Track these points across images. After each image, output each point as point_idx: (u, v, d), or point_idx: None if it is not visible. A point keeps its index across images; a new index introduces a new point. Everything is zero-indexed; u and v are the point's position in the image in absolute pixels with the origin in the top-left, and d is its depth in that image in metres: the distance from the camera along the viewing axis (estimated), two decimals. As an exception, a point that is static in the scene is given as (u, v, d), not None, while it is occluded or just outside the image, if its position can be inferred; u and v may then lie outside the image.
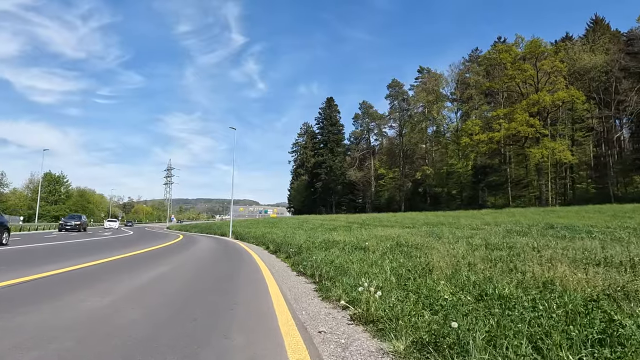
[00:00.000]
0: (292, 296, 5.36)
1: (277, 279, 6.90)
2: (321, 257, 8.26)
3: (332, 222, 33.30)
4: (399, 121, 79.94)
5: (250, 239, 22.62)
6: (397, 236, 13.67)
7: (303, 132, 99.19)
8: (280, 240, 14.79)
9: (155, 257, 11.10)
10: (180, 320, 3.72)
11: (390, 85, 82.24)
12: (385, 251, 8.86)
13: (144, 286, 5.71)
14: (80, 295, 4.79)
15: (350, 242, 11.49)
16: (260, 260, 10.74)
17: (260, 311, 4.33)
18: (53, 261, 8.61)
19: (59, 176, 76.82)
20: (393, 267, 6.41)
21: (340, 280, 5.52)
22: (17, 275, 6.36)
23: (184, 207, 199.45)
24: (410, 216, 34.64)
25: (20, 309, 3.99)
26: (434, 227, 20.59)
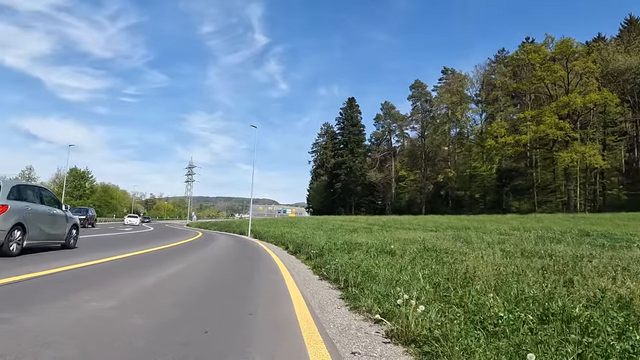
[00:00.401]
0: (316, 303, 4.85)
1: (298, 283, 6.41)
2: (344, 260, 7.75)
3: (352, 223, 32.70)
4: (421, 122, 78.69)
5: (269, 239, 22.25)
6: (422, 240, 13.04)
7: (323, 132, 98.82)
8: (300, 241, 14.33)
9: (171, 255, 10.78)
10: (192, 330, 3.26)
11: (412, 86, 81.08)
12: (414, 256, 8.26)
13: (154, 286, 5.30)
14: (86, 295, 4.40)
15: (374, 245, 10.93)
16: (280, 260, 10.28)
17: (281, 321, 3.85)
18: (65, 256, 8.35)
19: (84, 172, 78.47)
20: (426, 274, 5.85)
21: (369, 288, 4.99)
22: (26, 270, 6.05)
23: (204, 204, 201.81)
24: (433, 219, 33.72)
25: (23, 308, 3.61)
26: (459, 231, 19.80)
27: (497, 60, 68.49)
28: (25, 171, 76.62)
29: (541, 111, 49.66)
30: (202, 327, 3.35)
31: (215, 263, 9.47)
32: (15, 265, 6.64)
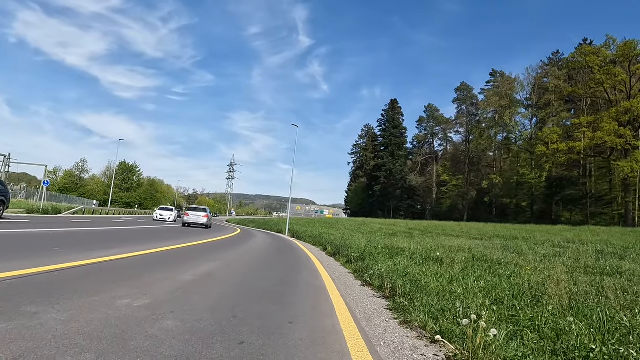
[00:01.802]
0: (362, 314, 4.40)
1: (339, 289, 5.98)
2: (387, 266, 7.25)
3: (392, 227, 31.89)
4: (466, 126, 76.18)
5: (306, 238, 21.98)
6: (468, 248, 12.27)
7: (364, 133, 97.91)
8: (339, 243, 13.90)
9: (209, 251, 10.65)
10: (225, 340, 2.91)
11: (458, 89, 78.72)
12: (464, 265, 7.62)
13: (189, 285, 5.03)
14: (118, 290, 4.18)
15: (417, 251, 10.32)
16: (319, 262, 9.89)
17: (325, 333, 3.43)
18: (103, 247, 8.35)
19: (132, 165, 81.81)
20: (481, 287, 5.25)
21: (420, 299, 4.48)
22: (67, 259, 5.99)
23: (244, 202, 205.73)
24: (477, 227, 32.29)
25: (52, 301, 3.41)
26: (507, 240, 18.66)
27: (550, 62, 65.01)
28: (79, 163, 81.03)
29: (599, 117, 46.48)
30: (238, 337, 2.98)
31: (253, 262, 9.22)
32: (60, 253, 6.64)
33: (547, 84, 59.28)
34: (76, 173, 79.48)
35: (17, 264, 5.17)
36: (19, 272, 4.61)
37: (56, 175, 77.56)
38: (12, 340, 2.45)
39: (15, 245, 7.61)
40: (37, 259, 5.87)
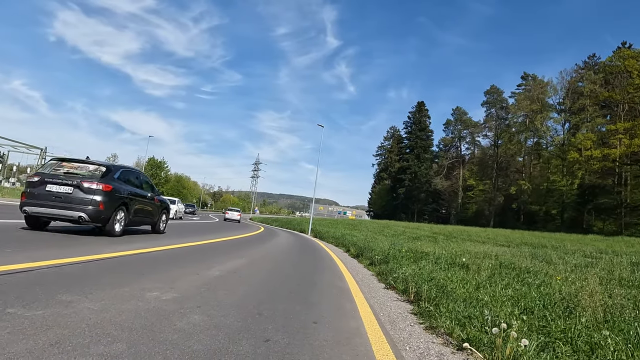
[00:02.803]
0: (386, 317, 4.36)
1: (363, 291, 5.94)
2: (412, 269, 7.16)
3: (415, 230, 31.51)
4: (495, 130, 74.57)
5: (329, 239, 21.97)
6: (495, 255, 11.98)
7: (389, 135, 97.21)
8: (362, 244, 13.82)
9: (234, 248, 10.79)
10: (250, 337, 2.93)
11: (488, 92, 77.14)
12: (491, 272, 7.44)
13: (215, 281, 5.11)
14: (147, 282, 4.28)
15: (442, 256, 10.15)
16: (342, 264, 9.87)
17: (349, 334, 3.41)
18: (132, 240, 8.57)
19: (161, 162, 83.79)
20: (509, 295, 5.12)
21: (446, 305, 4.40)
22: (97, 251, 6.19)
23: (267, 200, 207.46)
24: (504, 233, 31.53)
25: (86, 291, 3.53)
26: (535, 248, 18.13)
27: (586, 66, 62.80)
28: (110, 158, 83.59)
29: (637, 123, 44.64)
30: (263, 335, 3.01)
31: (277, 260, 9.28)
32: (91, 245, 6.86)
33: (582, 89, 57.33)
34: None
35: (52, 253, 5.38)
36: (54, 261, 4.79)
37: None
38: (48, 327, 2.55)
39: (51, 235, 7.91)
40: (70, 249, 6.09)
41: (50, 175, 7.99)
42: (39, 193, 7.77)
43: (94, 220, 7.93)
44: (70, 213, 7.74)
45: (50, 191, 7.78)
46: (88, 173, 8.21)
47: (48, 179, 7.88)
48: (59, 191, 7.80)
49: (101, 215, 7.98)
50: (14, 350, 2.10)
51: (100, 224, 8.18)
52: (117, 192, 8.45)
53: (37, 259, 4.78)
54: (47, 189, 7.79)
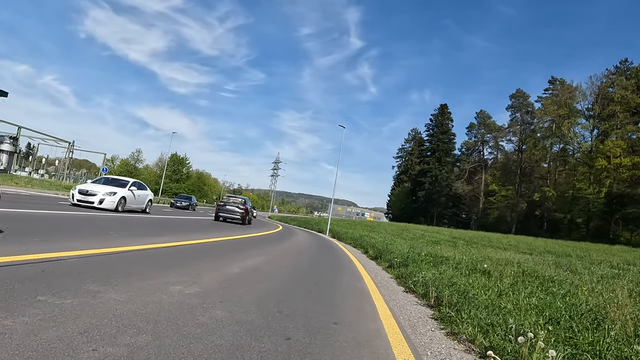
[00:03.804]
0: (406, 321, 4.31)
1: (382, 293, 5.90)
2: (432, 274, 7.08)
3: (435, 234, 31.11)
4: (520, 135, 73.00)
5: (347, 240, 21.89)
6: (517, 262, 11.72)
7: (410, 138, 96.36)
8: (381, 247, 13.73)
9: (254, 245, 10.88)
10: (272, 335, 2.94)
11: (513, 96, 75.62)
12: (514, 280, 7.29)
13: (236, 277, 5.16)
14: (169, 277, 4.35)
15: (463, 261, 10.00)
16: (361, 265, 9.82)
17: (370, 336, 3.39)
18: (156, 234, 8.73)
19: (183, 158, 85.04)
20: (533, 304, 5.00)
21: (468, 311, 4.33)
22: (123, 243, 6.33)
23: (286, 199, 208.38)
24: (526, 240, 30.85)
25: (112, 282, 3.61)
26: (559, 257, 17.65)
27: (617, 71, 60.80)
28: (135, 153, 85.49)
29: (670, 131, 43.02)
30: (284, 333, 3.01)
31: (296, 260, 9.31)
32: (117, 237, 7.03)
33: (613, 94, 55.57)
34: (131, 162, 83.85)
35: (80, 244, 5.52)
36: (82, 252, 4.92)
37: (113, 163, 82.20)
38: (77, 315, 2.61)
39: (78, 227, 8.13)
40: (97, 241, 6.24)
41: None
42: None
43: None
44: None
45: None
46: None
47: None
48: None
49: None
50: (46, 337, 2.16)
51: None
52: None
53: (66, 249, 4.92)
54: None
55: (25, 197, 15.18)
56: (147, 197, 17.88)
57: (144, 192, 17.61)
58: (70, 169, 62.56)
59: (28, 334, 2.16)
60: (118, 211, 14.55)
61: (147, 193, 18.06)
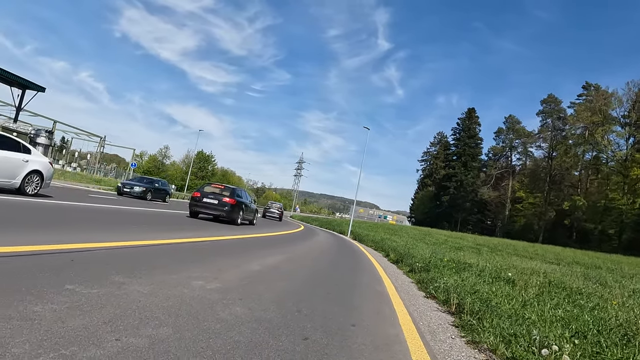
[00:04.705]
0: (426, 327, 4.25)
1: (402, 298, 5.84)
2: (454, 280, 6.95)
3: (458, 240, 30.58)
4: (550, 141, 70.94)
5: (368, 242, 21.78)
6: (543, 272, 11.38)
7: (436, 141, 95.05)
8: (402, 251, 13.59)
9: (275, 244, 10.95)
10: (290, 334, 2.95)
11: (544, 101, 73.54)
12: (540, 291, 7.08)
13: (257, 275, 5.20)
14: (192, 271, 4.42)
15: (487, 269, 9.78)
16: (381, 268, 9.75)
17: (388, 340, 3.35)
18: (181, 229, 8.90)
19: (209, 155, 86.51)
20: (559, 316, 4.84)
21: (490, 320, 4.23)
22: (148, 237, 6.48)
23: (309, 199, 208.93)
24: (553, 250, 29.93)
25: (136, 274, 3.70)
26: (588, 269, 17.05)
27: (657, 77, 58.26)
28: (163, 149, 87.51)
29: None
30: (302, 333, 3.02)
31: (316, 260, 9.32)
32: (143, 231, 7.21)
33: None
34: (159, 158, 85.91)
35: (108, 236, 5.69)
36: (109, 243, 5.07)
37: (142, 158, 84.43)
38: (102, 305, 2.69)
39: (107, 220, 8.38)
40: (123, 234, 6.42)
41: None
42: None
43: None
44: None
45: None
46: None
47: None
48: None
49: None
50: (72, 325, 2.24)
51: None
52: None
53: (95, 240, 5.08)
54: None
55: (58, 190, 15.74)
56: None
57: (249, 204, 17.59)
58: (100, 163, 64.59)
59: (56, 321, 2.24)
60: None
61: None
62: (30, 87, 31.59)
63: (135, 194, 21.40)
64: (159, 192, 24.38)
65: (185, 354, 2.18)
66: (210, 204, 14.32)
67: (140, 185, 22.35)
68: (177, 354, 2.15)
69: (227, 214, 14.41)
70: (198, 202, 14.48)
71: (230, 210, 14.40)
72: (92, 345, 2.04)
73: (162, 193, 25.00)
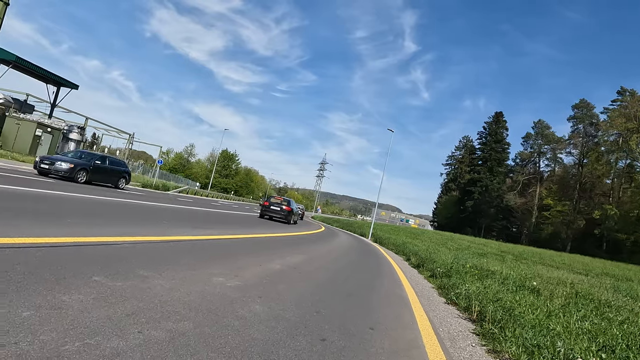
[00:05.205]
0: (446, 333, 4.19)
1: (422, 303, 5.77)
2: (476, 287, 6.81)
3: (482, 246, 29.96)
4: (581, 148, 68.65)
5: (389, 245, 21.59)
6: (570, 282, 11.03)
7: (461, 145, 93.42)
8: (424, 255, 13.41)
9: (296, 244, 11.00)
10: (307, 334, 2.96)
11: (576, 106, 71.26)
12: (566, 302, 6.86)
13: (276, 274, 5.24)
14: (213, 268, 4.49)
15: (510, 277, 9.54)
16: (402, 272, 9.66)
17: (406, 344, 3.32)
18: (204, 226, 9.04)
19: (233, 154, 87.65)
20: (586, 328, 4.68)
21: (512, 330, 4.13)
22: (172, 233, 6.62)
23: (330, 201, 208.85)
24: (582, 260, 28.94)
25: (160, 269, 3.79)
26: (618, 281, 16.41)
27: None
28: (188, 147, 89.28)
29: None
30: (320, 334, 3.02)
31: (337, 261, 9.31)
32: (167, 227, 7.36)
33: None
34: (184, 156, 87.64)
35: (132, 231, 5.84)
36: (135, 238, 5.20)
37: (168, 156, 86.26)
38: (126, 298, 2.76)
39: (133, 215, 8.60)
40: (148, 229, 6.58)
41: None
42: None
43: None
44: None
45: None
46: None
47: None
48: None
49: None
50: (97, 316, 2.31)
51: None
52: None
53: (122, 234, 5.22)
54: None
55: (92, 184, 16.24)
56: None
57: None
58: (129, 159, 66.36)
59: (82, 311, 2.31)
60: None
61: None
62: (65, 84, 32.78)
63: (60, 173, 14.32)
64: (105, 174, 16.90)
65: (204, 348, 2.22)
66: (275, 210, 21.15)
67: (68, 161, 14.84)
68: (197, 348, 2.19)
69: (285, 217, 21.12)
70: (267, 209, 21.22)
71: (286, 214, 21.16)
72: (115, 336, 2.10)
73: (111, 175, 17.40)
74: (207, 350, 2.21)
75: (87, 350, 1.87)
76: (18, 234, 3.86)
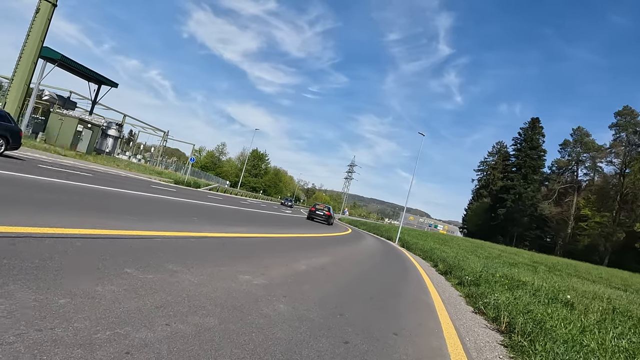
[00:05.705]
0: (472, 343, 4.09)
1: (449, 310, 5.65)
2: (505, 297, 6.62)
3: (513, 256, 29.08)
4: (623, 157, 65.55)
5: (416, 251, 21.29)
6: (607, 297, 10.54)
7: (495, 151, 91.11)
8: (452, 262, 13.13)
9: (323, 245, 11.01)
10: (330, 336, 2.96)
11: (619, 113, 68.15)
12: (602, 317, 6.57)
13: (301, 274, 5.26)
14: (240, 266, 4.56)
15: (542, 289, 9.22)
16: (428, 279, 9.50)
17: (431, 352, 3.26)
18: (232, 224, 9.18)
19: (263, 154, 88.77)
20: (623, 346, 4.46)
21: (543, 344, 3.98)
22: (201, 229, 6.76)
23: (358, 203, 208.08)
24: (620, 275, 27.64)
25: (189, 264, 3.88)
26: (660, 298, 15.57)
27: None
28: (220, 146, 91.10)
29: None
30: (343, 336, 3.01)
31: (362, 264, 9.26)
32: (197, 223, 7.54)
33: None
34: (216, 154, 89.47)
35: (164, 226, 6.01)
36: (166, 232, 5.35)
37: (200, 154, 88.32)
38: (155, 290, 2.84)
39: (164, 210, 8.85)
40: (180, 224, 6.75)
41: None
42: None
43: None
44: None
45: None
46: None
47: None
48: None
49: None
50: (127, 307, 2.38)
51: None
52: None
53: (153, 229, 5.38)
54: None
55: (124, 179, 16.86)
56: None
57: None
58: (162, 156, 68.35)
59: (114, 302, 2.40)
60: None
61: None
62: (105, 82, 34.14)
63: None
64: None
65: (228, 344, 2.26)
66: (319, 215, 27.45)
67: None
68: (221, 344, 2.23)
69: (326, 220, 27.42)
70: (314, 213, 27.52)
71: (327, 217, 27.51)
72: (144, 327, 2.16)
73: None
74: (231, 346, 2.25)
75: (117, 339, 1.94)
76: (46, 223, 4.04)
